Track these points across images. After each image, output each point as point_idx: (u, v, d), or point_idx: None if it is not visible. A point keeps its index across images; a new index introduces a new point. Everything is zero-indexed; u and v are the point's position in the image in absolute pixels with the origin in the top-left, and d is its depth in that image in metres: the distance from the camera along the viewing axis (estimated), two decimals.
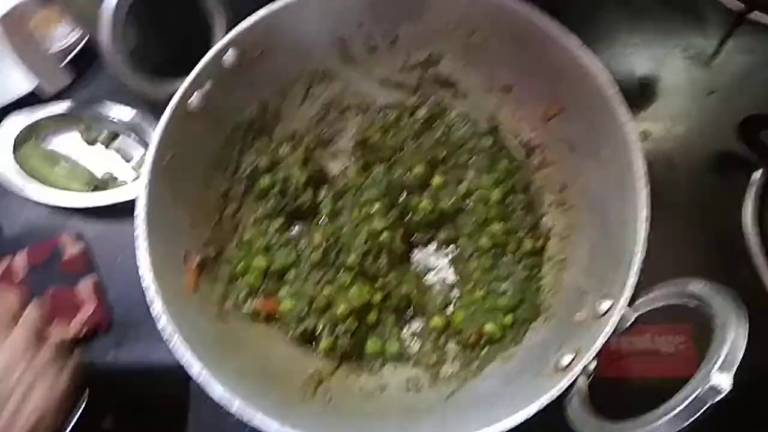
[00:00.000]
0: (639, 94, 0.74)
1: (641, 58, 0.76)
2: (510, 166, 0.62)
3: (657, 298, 0.45)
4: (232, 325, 0.56)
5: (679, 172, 0.70)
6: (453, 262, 0.63)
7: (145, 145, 0.74)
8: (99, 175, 0.74)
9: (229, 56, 0.56)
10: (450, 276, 0.63)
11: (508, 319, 0.57)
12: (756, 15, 0.76)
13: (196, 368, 0.46)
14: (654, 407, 0.39)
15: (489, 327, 0.57)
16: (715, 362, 0.36)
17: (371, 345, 0.57)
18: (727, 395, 0.36)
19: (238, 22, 0.56)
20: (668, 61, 0.76)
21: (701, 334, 0.62)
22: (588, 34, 0.53)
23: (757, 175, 0.68)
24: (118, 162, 0.75)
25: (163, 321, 0.48)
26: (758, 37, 0.76)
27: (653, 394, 0.49)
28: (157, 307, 0.48)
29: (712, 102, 0.73)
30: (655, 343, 0.62)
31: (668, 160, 0.70)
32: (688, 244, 0.66)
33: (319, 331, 0.56)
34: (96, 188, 0.73)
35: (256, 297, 0.59)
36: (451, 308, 0.61)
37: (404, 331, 0.60)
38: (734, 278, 0.65)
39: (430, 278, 0.63)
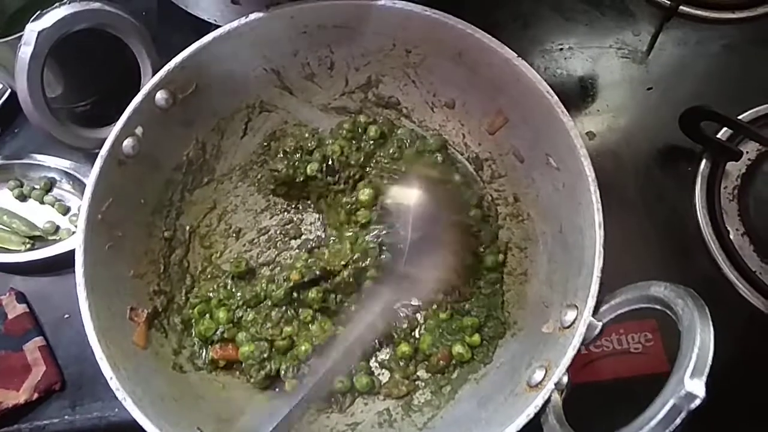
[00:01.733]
0: (580, 96, 0.74)
1: (578, 60, 0.77)
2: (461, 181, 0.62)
3: (620, 303, 0.45)
4: (190, 377, 0.54)
5: (627, 169, 0.71)
6: None
7: (83, 195, 0.71)
8: (36, 230, 0.70)
9: (161, 97, 0.54)
10: (413, 300, 0.62)
11: (476, 338, 0.56)
12: (685, 8, 0.77)
13: (153, 430, 0.44)
14: (631, 408, 0.38)
15: (457, 349, 0.56)
16: (686, 368, 0.36)
17: (338, 382, 0.56)
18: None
19: (168, 60, 0.54)
20: (605, 61, 0.77)
21: (666, 329, 0.62)
22: (525, 41, 0.53)
23: (703, 164, 0.69)
24: (54, 216, 0.72)
25: (114, 384, 0.45)
26: (689, 29, 0.78)
27: (627, 395, 0.49)
28: (107, 371, 0.45)
29: (652, 97, 0.75)
30: (622, 343, 0.63)
31: (615, 158, 0.71)
32: (643, 238, 0.67)
33: (282, 373, 0.54)
34: (34, 244, 0.69)
35: (211, 345, 0.56)
36: (417, 333, 0.60)
37: (371, 362, 0.59)
38: (690, 267, 0.66)
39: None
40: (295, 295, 0.57)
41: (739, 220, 0.68)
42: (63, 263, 0.67)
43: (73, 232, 0.70)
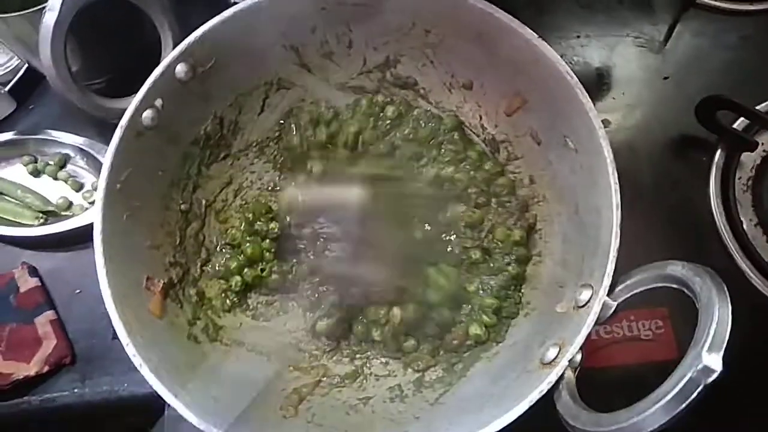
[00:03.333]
0: (596, 84, 0.75)
1: (595, 48, 0.77)
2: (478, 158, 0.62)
3: (636, 283, 0.45)
4: (205, 347, 0.54)
5: (642, 159, 0.71)
6: None
7: (96, 171, 0.72)
8: (49, 206, 0.71)
9: (180, 70, 0.53)
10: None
11: (493, 319, 0.56)
12: None
13: (168, 397, 0.44)
14: (640, 393, 0.38)
15: (474, 329, 0.56)
16: (704, 343, 0.36)
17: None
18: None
19: (188, 34, 0.54)
20: (621, 49, 0.77)
21: (678, 317, 0.62)
22: (541, 28, 0.52)
23: (718, 155, 0.69)
24: (67, 192, 0.72)
25: (130, 351, 0.45)
26: (706, 19, 0.78)
27: (638, 381, 0.49)
28: (123, 336, 0.45)
29: (667, 87, 0.75)
30: (633, 330, 0.63)
31: (630, 147, 0.71)
32: (656, 227, 0.67)
33: None
34: (47, 219, 0.70)
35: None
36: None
37: None
38: (703, 258, 0.65)
39: None
40: None
41: (753, 210, 0.67)
42: (76, 239, 0.68)
43: (86, 209, 0.70)
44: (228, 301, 0.58)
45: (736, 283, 0.63)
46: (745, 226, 0.66)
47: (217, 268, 0.60)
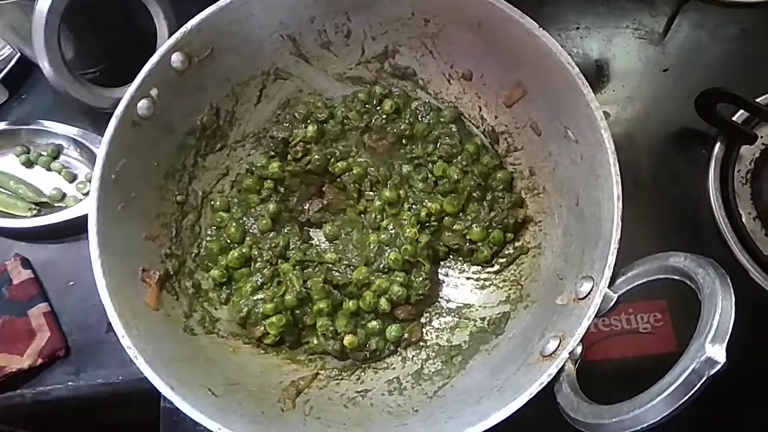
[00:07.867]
0: (595, 76, 0.74)
1: (594, 40, 0.77)
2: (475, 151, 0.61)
3: (638, 275, 0.44)
4: (201, 340, 0.54)
5: (641, 151, 0.71)
6: None
7: (90, 162, 0.71)
8: (42, 197, 0.70)
9: (177, 59, 0.53)
10: None
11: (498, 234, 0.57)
12: None
13: (165, 390, 0.44)
14: (639, 387, 0.38)
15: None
16: (707, 334, 0.35)
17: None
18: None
19: (184, 22, 0.53)
20: (621, 41, 0.77)
21: (676, 309, 0.62)
22: (541, 19, 0.52)
23: (717, 147, 0.69)
24: (61, 183, 0.71)
25: (126, 343, 0.45)
26: (706, 11, 0.78)
27: (636, 374, 0.49)
28: (118, 328, 0.45)
29: (667, 79, 0.74)
30: (631, 323, 0.63)
31: (629, 140, 0.71)
32: (655, 220, 0.67)
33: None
34: (40, 210, 0.69)
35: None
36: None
37: None
38: (702, 250, 0.64)
39: None
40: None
41: (751, 203, 0.67)
42: (69, 230, 0.67)
43: (80, 200, 0.70)
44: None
45: (735, 275, 0.61)
46: (743, 219, 0.66)
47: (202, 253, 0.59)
